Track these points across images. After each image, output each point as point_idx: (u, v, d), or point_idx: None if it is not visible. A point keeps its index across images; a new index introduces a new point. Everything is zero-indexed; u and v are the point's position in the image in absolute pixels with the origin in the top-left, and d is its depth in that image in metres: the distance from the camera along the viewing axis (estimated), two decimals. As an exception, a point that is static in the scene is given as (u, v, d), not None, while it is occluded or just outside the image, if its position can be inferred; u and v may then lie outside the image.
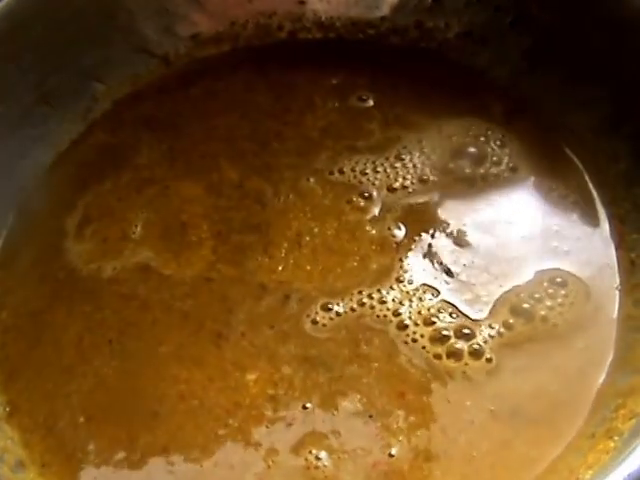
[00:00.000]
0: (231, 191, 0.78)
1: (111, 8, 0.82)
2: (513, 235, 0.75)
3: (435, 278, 0.72)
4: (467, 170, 0.78)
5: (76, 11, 0.79)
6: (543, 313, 0.70)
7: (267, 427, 0.67)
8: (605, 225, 0.75)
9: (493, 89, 0.82)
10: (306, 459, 0.65)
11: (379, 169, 0.77)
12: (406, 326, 0.70)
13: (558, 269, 0.72)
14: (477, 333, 0.69)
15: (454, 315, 0.70)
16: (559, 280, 0.71)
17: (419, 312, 0.70)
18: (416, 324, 0.70)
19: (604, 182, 0.76)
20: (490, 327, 0.69)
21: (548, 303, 0.70)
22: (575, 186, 0.77)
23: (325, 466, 0.65)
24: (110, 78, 0.84)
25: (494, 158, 0.78)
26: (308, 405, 0.67)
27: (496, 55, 0.83)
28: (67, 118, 0.82)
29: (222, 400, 0.68)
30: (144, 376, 0.70)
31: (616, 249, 0.73)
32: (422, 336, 0.69)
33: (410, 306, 0.70)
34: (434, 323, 0.70)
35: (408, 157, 0.78)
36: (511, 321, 0.69)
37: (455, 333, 0.69)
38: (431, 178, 0.77)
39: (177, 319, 0.72)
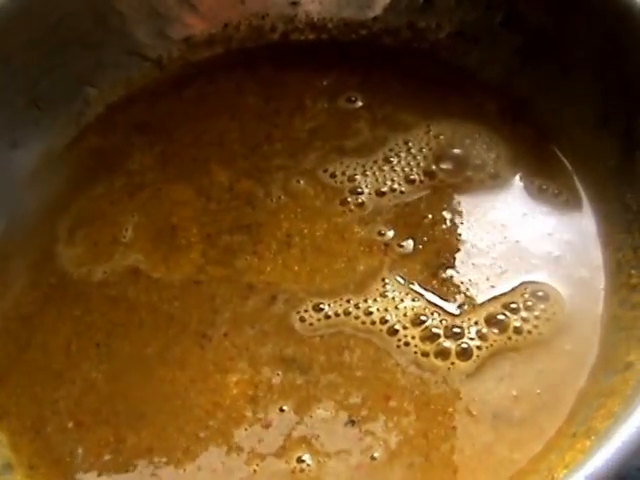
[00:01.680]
0: (221, 194, 0.78)
1: (103, 11, 0.82)
2: (506, 238, 0.74)
3: (422, 280, 0.72)
4: (457, 172, 0.77)
5: (67, 14, 0.80)
6: (517, 325, 0.69)
7: (246, 430, 0.67)
8: (593, 225, 0.74)
9: (484, 88, 0.82)
10: (287, 462, 0.65)
11: (368, 172, 0.77)
12: (396, 331, 0.69)
13: (543, 283, 0.71)
14: (459, 336, 0.69)
15: (439, 315, 0.70)
16: (541, 294, 0.70)
17: (405, 314, 0.70)
18: (405, 327, 0.69)
19: (593, 181, 0.75)
20: (468, 334, 0.69)
21: (524, 315, 0.69)
22: (564, 185, 0.76)
23: (310, 470, 0.65)
24: (102, 82, 0.84)
25: (481, 160, 0.78)
26: (285, 407, 0.67)
27: (487, 54, 0.82)
28: (59, 122, 0.82)
29: (203, 401, 0.68)
30: (130, 378, 0.70)
31: (603, 249, 0.73)
32: (413, 337, 0.69)
33: (397, 308, 0.70)
34: (423, 322, 0.69)
35: (396, 159, 0.78)
36: (484, 330, 0.69)
37: (444, 333, 0.69)
38: (419, 180, 0.77)
39: (163, 321, 0.72)
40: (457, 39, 0.84)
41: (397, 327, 0.69)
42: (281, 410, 0.67)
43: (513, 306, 0.70)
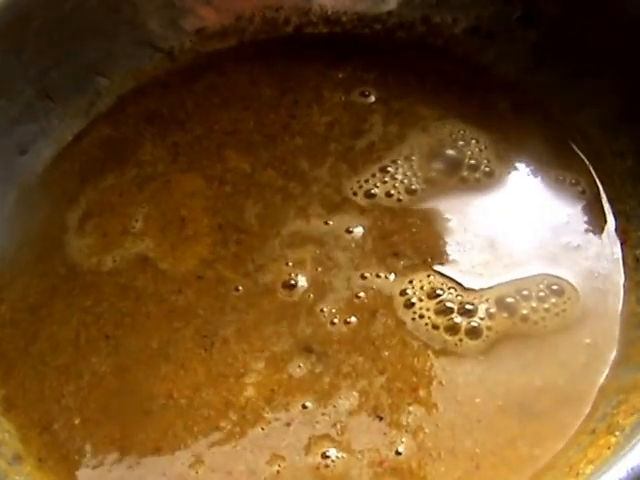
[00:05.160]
0: (237, 183, 0.78)
1: (115, 1, 0.81)
2: (526, 226, 0.74)
3: (441, 262, 0.72)
4: (450, 172, 0.77)
5: (79, 4, 0.79)
6: (525, 312, 0.69)
7: (263, 429, 0.66)
8: (611, 221, 0.74)
9: (500, 85, 0.81)
10: (312, 458, 0.65)
11: (388, 169, 0.77)
12: (412, 304, 0.70)
13: (562, 277, 0.71)
14: (471, 313, 0.69)
15: (455, 291, 0.70)
16: (556, 288, 0.70)
17: (422, 287, 0.70)
18: (421, 300, 0.70)
19: (610, 178, 0.75)
20: (479, 312, 0.69)
21: (533, 304, 0.70)
22: (581, 176, 0.76)
23: (335, 465, 0.64)
24: (114, 72, 0.83)
25: (476, 159, 0.77)
26: (307, 404, 0.67)
27: (503, 50, 0.82)
28: (70, 112, 0.81)
29: (214, 400, 0.68)
30: (137, 372, 0.69)
31: (621, 245, 0.73)
32: (428, 310, 0.69)
33: (411, 282, 0.71)
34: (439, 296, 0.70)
35: (415, 157, 0.78)
36: (492, 310, 0.69)
37: (458, 309, 0.69)
38: (434, 176, 0.77)
39: (167, 313, 0.72)
40: (473, 35, 0.83)
41: (414, 300, 0.70)
42: (304, 407, 0.66)
43: (525, 293, 0.70)
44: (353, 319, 0.70)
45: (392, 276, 0.71)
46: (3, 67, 0.76)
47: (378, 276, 0.71)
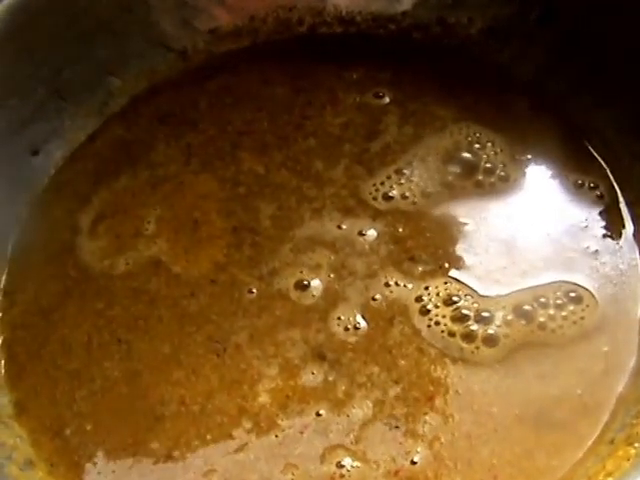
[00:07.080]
0: (250, 184, 0.77)
1: (128, 0, 0.80)
2: (543, 231, 0.73)
3: (458, 267, 0.72)
4: (468, 175, 0.76)
5: (91, 3, 0.78)
6: (542, 320, 0.69)
7: (276, 436, 0.66)
8: (630, 225, 0.73)
9: (516, 86, 0.81)
10: (327, 467, 0.64)
11: (404, 171, 0.76)
12: (428, 310, 0.69)
13: (579, 284, 0.70)
14: (487, 320, 0.69)
15: (472, 298, 0.70)
16: (573, 295, 0.70)
17: (438, 294, 0.70)
18: (436, 306, 0.69)
19: (629, 182, 0.75)
20: (495, 320, 0.69)
21: (551, 312, 0.69)
22: (600, 180, 0.76)
23: (350, 475, 0.64)
24: (126, 72, 0.83)
25: (491, 161, 0.77)
26: (321, 412, 0.66)
27: (519, 51, 0.81)
28: (82, 113, 0.81)
29: (227, 406, 0.67)
30: (149, 377, 0.69)
31: (640, 250, 0.73)
32: (444, 317, 0.69)
33: (427, 288, 0.70)
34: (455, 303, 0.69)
35: (431, 159, 0.77)
36: (510, 318, 0.69)
37: (475, 317, 0.69)
38: (450, 180, 0.76)
39: (179, 317, 0.71)
40: (489, 36, 0.83)
41: (429, 307, 0.69)
42: (318, 414, 0.66)
43: (542, 300, 0.69)
44: (367, 325, 0.69)
45: (407, 282, 0.71)
46: (15, 66, 0.75)
47: (395, 282, 0.71)
